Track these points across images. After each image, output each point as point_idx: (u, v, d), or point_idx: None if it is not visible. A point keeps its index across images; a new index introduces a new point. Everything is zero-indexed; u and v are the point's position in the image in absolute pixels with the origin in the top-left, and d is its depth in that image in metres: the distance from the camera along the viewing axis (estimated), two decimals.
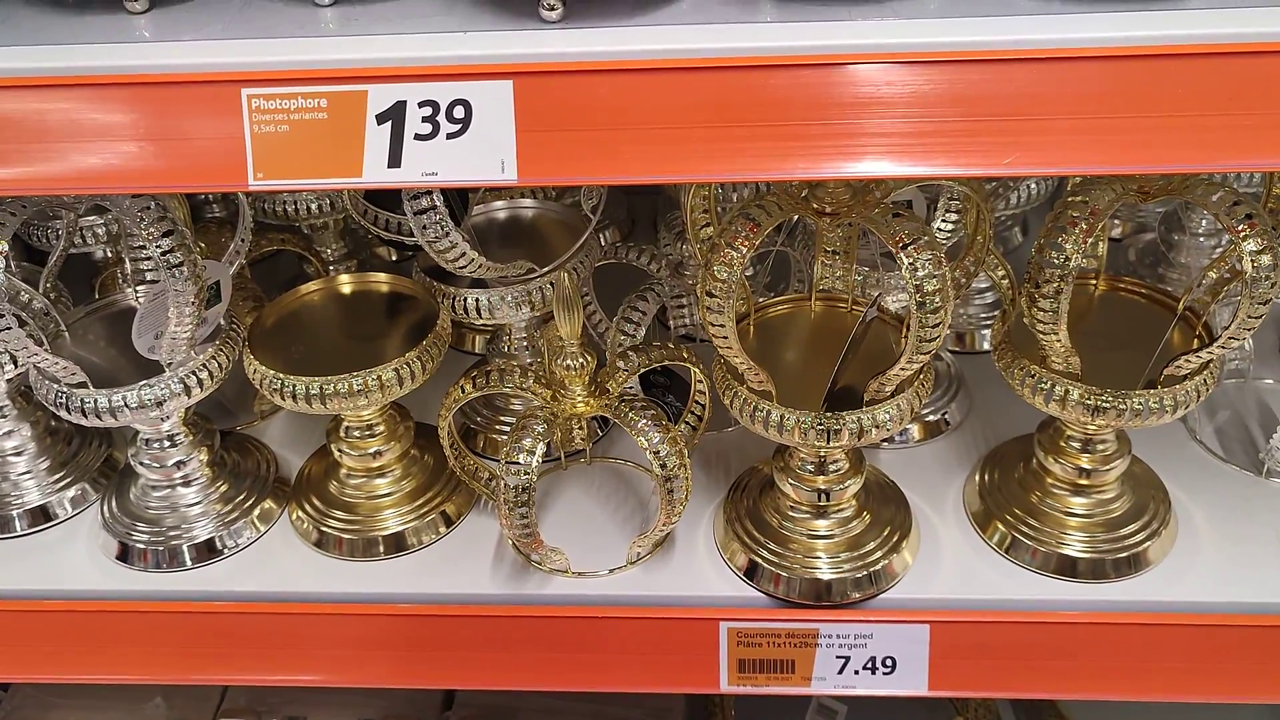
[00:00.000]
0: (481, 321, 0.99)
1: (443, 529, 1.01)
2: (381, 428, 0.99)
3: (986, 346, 1.18)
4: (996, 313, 1.18)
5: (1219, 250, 1.18)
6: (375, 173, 0.69)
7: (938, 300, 0.73)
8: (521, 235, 1.08)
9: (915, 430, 1.07)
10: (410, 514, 1.00)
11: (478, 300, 0.97)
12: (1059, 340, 0.80)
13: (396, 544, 0.99)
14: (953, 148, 0.66)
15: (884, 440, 1.07)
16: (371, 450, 0.99)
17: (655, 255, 1.07)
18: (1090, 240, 0.75)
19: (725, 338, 0.78)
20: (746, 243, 0.75)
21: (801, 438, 0.82)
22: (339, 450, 1.00)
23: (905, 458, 1.05)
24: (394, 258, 1.39)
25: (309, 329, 0.98)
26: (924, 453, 1.06)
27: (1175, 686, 0.91)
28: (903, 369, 0.78)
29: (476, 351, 1.24)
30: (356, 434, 0.99)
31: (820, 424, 0.81)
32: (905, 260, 0.73)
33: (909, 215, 0.75)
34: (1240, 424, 1.06)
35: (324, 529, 1.00)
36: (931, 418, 1.08)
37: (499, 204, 1.10)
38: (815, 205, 0.81)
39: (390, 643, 0.96)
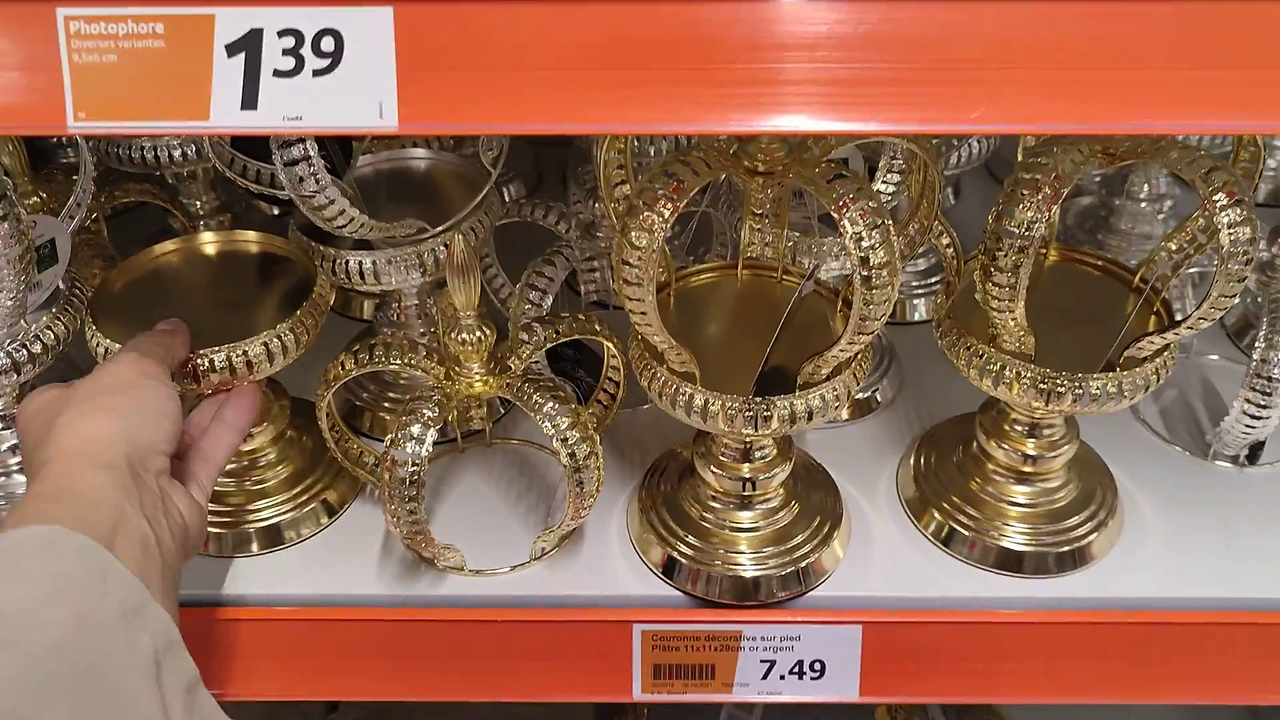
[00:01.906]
0: (367, 287, 0.88)
1: (324, 519, 0.90)
2: None
3: (919, 317, 1.10)
4: (932, 282, 1.10)
5: (1161, 215, 1.12)
6: (225, 116, 0.58)
7: (885, 274, 0.64)
8: (413, 190, 0.96)
9: (844, 409, 0.99)
10: (287, 504, 0.89)
11: (361, 264, 0.86)
12: (1014, 318, 0.72)
13: (271, 538, 0.88)
14: (911, 99, 0.57)
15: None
16: None
17: (564, 214, 0.96)
18: (1054, 208, 0.67)
19: (644, 313, 0.68)
20: (669, 205, 0.65)
21: (728, 425, 0.73)
22: None
23: (833, 438, 0.97)
24: (276, 212, 1.26)
25: (166, 295, 0.85)
26: (853, 433, 0.98)
27: (1121, 689, 0.85)
28: (843, 350, 0.70)
29: (365, 318, 1.12)
30: None
31: (749, 410, 0.72)
32: (849, 229, 0.64)
33: (853, 176, 0.65)
34: (1184, 403, 1.00)
35: None
36: (861, 395, 1.00)
37: (387, 154, 0.98)
38: (746, 163, 0.71)
39: (263, 650, 0.85)
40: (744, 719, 1.18)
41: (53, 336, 0.80)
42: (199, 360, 0.78)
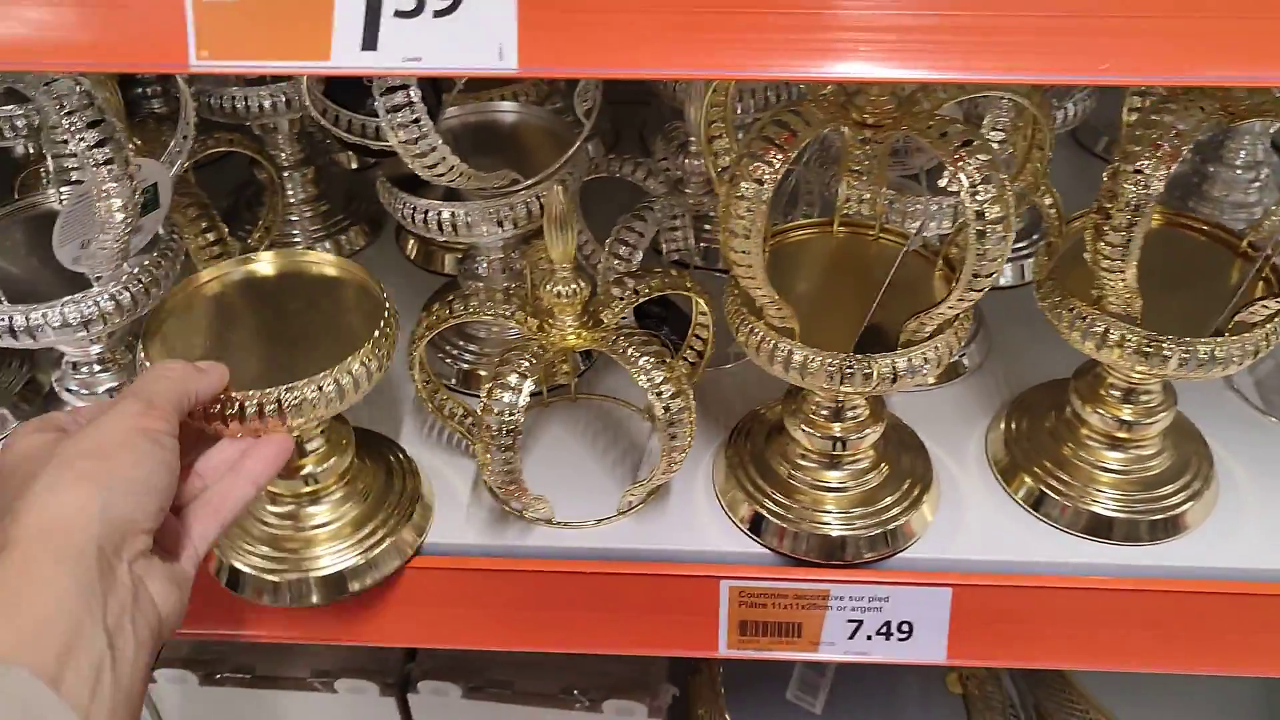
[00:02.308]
0: (457, 239, 0.88)
1: (395, 562, 0.83)
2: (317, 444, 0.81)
3: (1004, 282, 1.08)
4: (1020, 247, 1.09)
5: (1257, 184, 1.10)
6: (346, 56, 0.58)
7: (999, 229, 0.63)
8: (499, 143, 0.96)
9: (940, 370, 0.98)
10: (352, 549, 0.82)
11: (453, 215, 0.86)
12: (1124, 279, 0.70)
13: (335, 588, 0.81)
14: (1037, 48, 0.56)
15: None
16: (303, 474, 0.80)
17: (653, 170, 0.96)
18: (1173, 167, 0.65)
19: (749, 265, 0.68)
20: (780, 155, 0.64)
21: (828, 382, 0.72)
22: None
23: (921, 402, 0.96)
24: (354, 165, 1.27)
25: (222, 319, 0.79)
26: (941, 397, 0.97)
27: (1212, 659, 0.84)
28: (951, 306, 0.69)
29: (445, 272, 1.12)
30: None
31: (850, 367, 0.72)
32: (965, 181, 0.63)
33: (968, 129, 0.64)
34: (1279, 374, 0.97)
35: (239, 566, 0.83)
36: (949, 360, 0.98)
37: (473, 107, 0.98)
38: (855, 115, 0.70)
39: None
40: (817, 681, 1.18)
41: (154, 280, 0.80)
42: (247, 402, 0.69)
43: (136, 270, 0.80)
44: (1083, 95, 1.02)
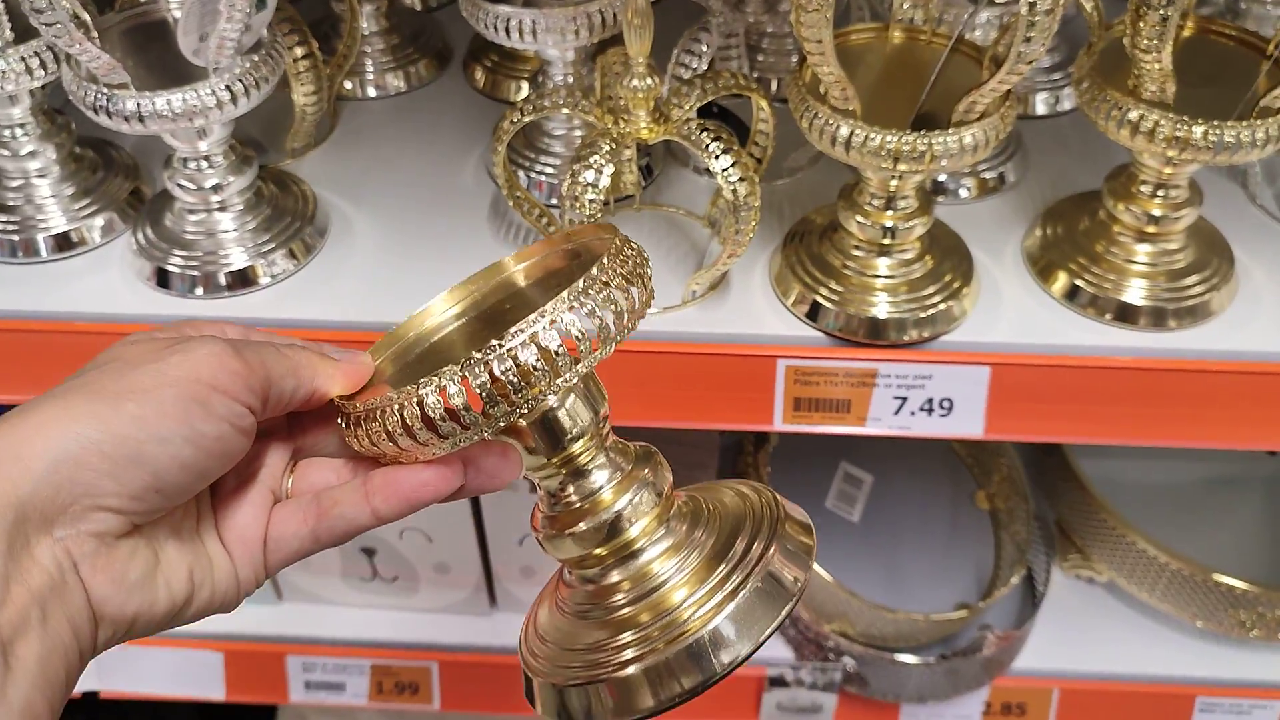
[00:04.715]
0: (534, 45, 0.94)
1: None
2: None
3: (1042, 111, 1.14)
4: (1056, 78, 1.15)
5: None
6: None
7: (1048, 2, 0.70)
8: None
9: (972, 186, 1.05)
10: None
11: (534, 22, 0.92)
12: (1159, 61, 0.77)
13: None
14: None
15: (938, 195, 1.05)
16: None
17: None
18: None
19: (819, 42, 0.74)
20: None
21: (885, 160, 0.79)
22: None
23: (961, 213, 1.03)
24: (419, 6, 1.33)
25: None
26: (980, 209, 1.04)
27: (1224, 433, 0.92)
28: (1001, 81, 0.75)
29: (512, 100, 1.19)
30: None
31: (907, 143, 0.79)
32: None
33: None
34: None
35: None
36: (988, 175, 1.05)
37: None
38: None
39: None
40: (854, 493, 1.27)
41: (262, 76, 0.87)
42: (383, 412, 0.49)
43: (248, 66, 0.87)
44: None
